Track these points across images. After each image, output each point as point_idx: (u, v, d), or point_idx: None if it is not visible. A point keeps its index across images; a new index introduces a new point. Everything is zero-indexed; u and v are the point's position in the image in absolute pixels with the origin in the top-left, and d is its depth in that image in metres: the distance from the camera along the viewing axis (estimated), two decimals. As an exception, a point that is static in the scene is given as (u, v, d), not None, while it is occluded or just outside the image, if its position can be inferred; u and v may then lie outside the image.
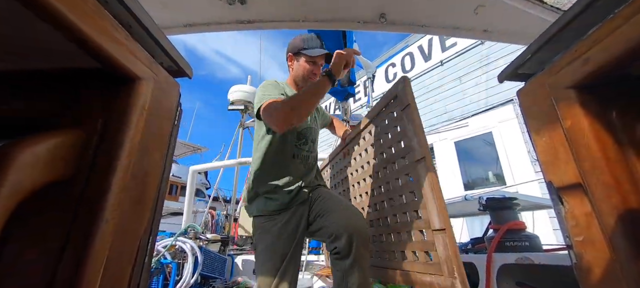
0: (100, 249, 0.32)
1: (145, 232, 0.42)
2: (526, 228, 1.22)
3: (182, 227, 2.27)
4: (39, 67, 0.36)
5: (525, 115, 0.45)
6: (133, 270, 0.39)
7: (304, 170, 1.19)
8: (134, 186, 0.37)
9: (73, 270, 0.30)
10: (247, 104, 3.93)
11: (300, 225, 1.10)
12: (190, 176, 2.56)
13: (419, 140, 0.86)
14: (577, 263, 0.37)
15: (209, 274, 2.10)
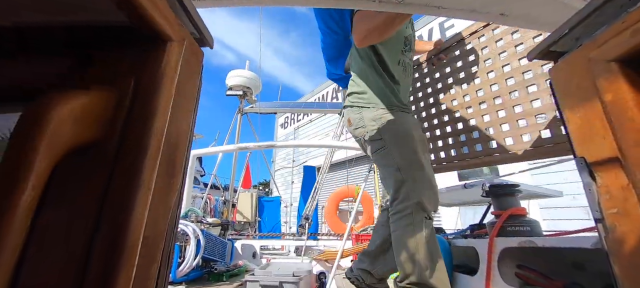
0: (139, 217, 0.31)
1: (175, 203, 0.41)
2: (527, 214, 1.25)
3: (183, 211, 2.27)
4: (67, 23, 0.34)
5: (557, 92, 0.45)
6: (165, 241, 0.39)
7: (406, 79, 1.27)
8: (167, 152, 0.36)
9: (111, 239, 0.29)
10: (245, 90, 3.86)
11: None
12: (190, 160, 2.54)
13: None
14: (608, 235, 0.37)
15: (211, 257, 2.11)
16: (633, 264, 0.34)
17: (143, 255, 0.32)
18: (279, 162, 11.22)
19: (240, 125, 4.07)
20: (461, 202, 3.16)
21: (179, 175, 0.40)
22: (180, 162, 0.41)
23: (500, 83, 1.27)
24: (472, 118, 1.38)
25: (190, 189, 2.55)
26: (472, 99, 1.38)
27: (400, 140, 1.09)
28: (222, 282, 1.98)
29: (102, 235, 0.28)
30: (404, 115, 1.17)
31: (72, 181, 0.30)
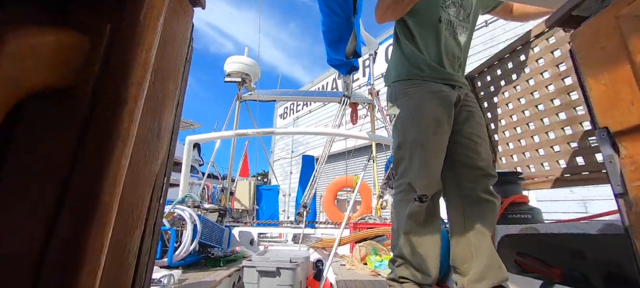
0: (114, 175, 0.28)
1: (160, 171, 0.38)
2: (529, 202, 1.23)
3: (180, 196, 2.25)
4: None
5: (579, 60, 0.41)
6: (150, 212, 0.36)
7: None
8: (151, 109, 0.32)
9: (83, 198, 0.26)
10: (244, 76, 3.79)
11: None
12: (186, 145, 2.51)
13: None
14: (631, 210, 0.34)
15: (208, 242, 2.10)
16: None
17: (122, 220, 0.29)
18: (278, 153, 11.20)
19: (238, 113, 4.01)
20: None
21: (165, 140, 0.37)
22: (167, 126, 0.37)
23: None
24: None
25: (187, 175, 2.53)
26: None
27: (408, 118, 1.04)
28: (219, 267, 1.98)
29: (72, 192, 0.25)
30: (421, 88, 1.04)
31: (40, 129, 0.26)
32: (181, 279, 1.53)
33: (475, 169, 1.01)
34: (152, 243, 0.35)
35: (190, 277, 1.63)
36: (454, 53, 1.08)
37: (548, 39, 1.05)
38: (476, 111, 1.09)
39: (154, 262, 0.38)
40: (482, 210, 0.97)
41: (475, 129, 1.05)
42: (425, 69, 1.05)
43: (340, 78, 2.92)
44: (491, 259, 0.91)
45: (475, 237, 0.94)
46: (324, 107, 9.41)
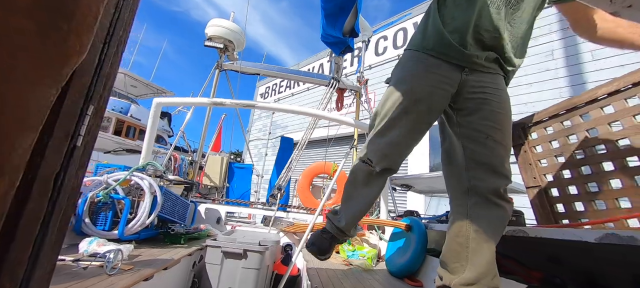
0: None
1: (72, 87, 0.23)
2: (513, 203, 1.21)
3: (140, 163, 2.00)
4: None
5: None
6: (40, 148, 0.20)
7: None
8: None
9: None
10: (227, 43, 3.47)
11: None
12: (153, 108, 2.22)
13: None
14: None
15: (168, 217, 1.90)
16: None
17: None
18: (255, 133, 10.84)
19: (217, 83, 3.70)
20: (436, 190, 3.23)
21: (83, 35, 0.21)
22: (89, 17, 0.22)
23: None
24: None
25: (151, 141, 2.25)
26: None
27: (390, 89, 1.01)
28: (179, 245, 1.80)
29: None
30: (417, 61, 0.97)
31: None
32: (132, 255, 1.34)
33: (484, 166, 0.87)
34: (46, 200, 0.20)
35: (143, 254, 1.45)
36: (490, 29, 0.88)
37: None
38: (494, 99, 0.90)
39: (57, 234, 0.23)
40: (489, 213, 0.86)
41: (489, 120, 0.89)
42: (431, 43, 0.95)
43: (331, 59, 2.76)
44: (488, 268, 0.83)
45: (476, 242, 0.85)
46: (308, 91, 9.18)
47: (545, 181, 1.20)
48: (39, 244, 0.22)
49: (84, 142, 0.26)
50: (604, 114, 0.95)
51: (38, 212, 0.22)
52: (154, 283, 1.20)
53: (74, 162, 0.25)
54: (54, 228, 0.24)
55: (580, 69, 4.53)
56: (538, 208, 1.23)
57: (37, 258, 0.22)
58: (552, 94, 4.64)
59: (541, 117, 1.16)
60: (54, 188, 0.23)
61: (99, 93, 0.27)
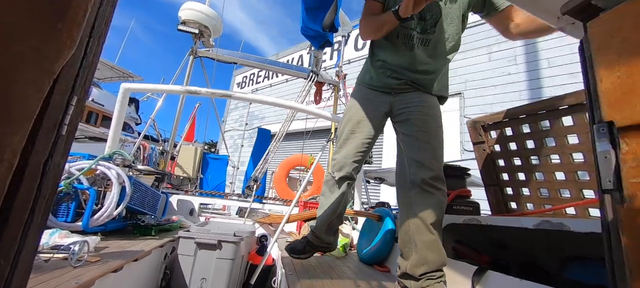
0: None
1: (64, 83, 0.24)
2: (471, 196, 1.34)
3: (106, 152, 1.89)
4: None
5: (593, 49, 0.39)
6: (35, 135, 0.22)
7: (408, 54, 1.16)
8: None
9: None
10: (202, 29, 3.31)
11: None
12: (121, 93, 2.09)
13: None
14: (622, 206, 0.34)
15: (138, 208, 1.83)
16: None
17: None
18: (230, 124, 10.53)
19: (191, 70, 3.54)
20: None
21: (73, 30, 0.22)
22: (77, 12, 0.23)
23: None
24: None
25: (118, 128, 2.13)
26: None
27: (344, 114, 1.33)
28: (149, 237, 1.75)
29: None
30: (360, 93, 1.30)
31: None
32: (99, 247, 1.29)
33: (416, 162, 1.09)
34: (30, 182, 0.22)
35: (111, 246, 1.39)
36: (406, 64, 1.16)
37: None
38: (418, 109, 1.15)
39: (42, 217, 0.25)
40: (424, 200, 1.03)
41: (416, 125, 1.13)
42: (367, 78, 1.29)
43: (310, 52, 2.77)
44: (431, 247, 0.98)
45: (416, 226, 1.02)
46: (287, 83, 9.07)
47: (501, 179, 1.33)
48: (28, 226, 0.23)
49: (67, 130, 0.26)
50: (563, 126, 1.07)
51: (28, 196, 0.23)
52: (124, 274, 1.17)
53: (58, 150, 0.26)
54: (39, 212, 0.25)
55: (538, 74, 4.97)
56: (493, 205, 1.37)
57: (25, 239, 0.23)
58: (514, 97, 5.05)
59: (500, 118, 1.28)
60: (42, 175, 0.24)
61: (82, 84, 0.27)
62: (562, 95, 1.04)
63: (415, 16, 1.08)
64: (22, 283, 0.24)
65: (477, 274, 0.97)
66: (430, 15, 1.10)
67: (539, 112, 1.13)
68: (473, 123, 1.41)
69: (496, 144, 1.34)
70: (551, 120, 1.09)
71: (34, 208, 0.24)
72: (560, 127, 1.05)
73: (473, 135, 1.40)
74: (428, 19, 1.10)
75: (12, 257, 0.22)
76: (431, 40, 1.12)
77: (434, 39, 1.12)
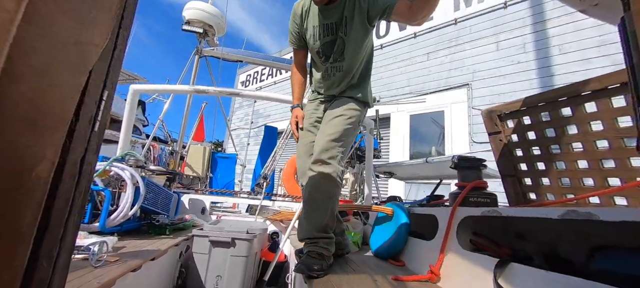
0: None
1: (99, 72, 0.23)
2: (488, 187, 1.31)
3: (118, 153, 1.91)
4: None
5: (636, 24, 0.37)
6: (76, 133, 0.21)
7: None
8: None
9: None
10: (207, 28, 3.31)
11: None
12: (130, 95, 2.10)
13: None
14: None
15: (152, 208, 1.85)
16: None
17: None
18: (236, 122, 10.58)
19: (196, 70, 3.55)
20: (417, 177, 3.37)
21: (106, 19, 0.21)
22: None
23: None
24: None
25: (129, 130, 2.15)
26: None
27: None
28: (164, 236, 1.77)
29: None
30: (307, 105, 1.51)
31: None
32: (117, 247, 1.31)
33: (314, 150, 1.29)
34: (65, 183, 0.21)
35: (128, 245, 1.41)
36: (326, 75, 1.39)
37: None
38: (328, 115, 1.36)
39: (79, 215, 0.24)
40: (309, 181, 1.26)
41: (325, 122, 1.35)
42: (311, 90, 1.54)
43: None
44: (320, 220, 1.24)
45: (306, 202, 1.29)
46: (291, 79, 9.04)
47: (519, 170, 1.30)
48: (67, 226, 0.22)
49: (99, 128, 0.25)
50: (585, 112, 1.02)
51: (68, 195, 0.22)
52: (142, 273, 1.19)
53: (91, 146, 0.25)
54: (76, 209, 0.24)
55: (550, 62, 4.83)
56: (511, 196, 1.33)
57: (65, 239, 0.22)
58: (524, 86, 4.93)
59: (517, 106, 1.24)
60: (79, 173, 0.23)
61: (112, 78, 0.26)
62: (585, 80, 1.00)
63: (324, 56, 1.36)
64: (61, 282, 0.23)
65: (499, 266, 0.95)
66: (336, 49, 1.32)
67: (559, 99, 1.09)
68: (488, 113, 1.37)
69: (513, 133, 1.30)
70: (573, 107, 1.04)
71: (72, 207, 0.23)
72: (583, 114, 1.01)
73: (489, 126, 1.37)
74: (335, 51, 1.33)
75: (54, 258, 0.21)
76: (342, 66, 1.36)
77: (344, 64, 1.35)
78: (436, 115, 6.13)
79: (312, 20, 1.33)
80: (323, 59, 1.36)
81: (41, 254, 0.20)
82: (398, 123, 6.59)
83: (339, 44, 1.31)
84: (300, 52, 1.49)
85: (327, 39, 1.31)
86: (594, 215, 0.75)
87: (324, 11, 1.28)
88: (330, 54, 1.33)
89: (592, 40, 4.39)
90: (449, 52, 6.12)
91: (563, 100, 1.07)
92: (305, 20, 1.36)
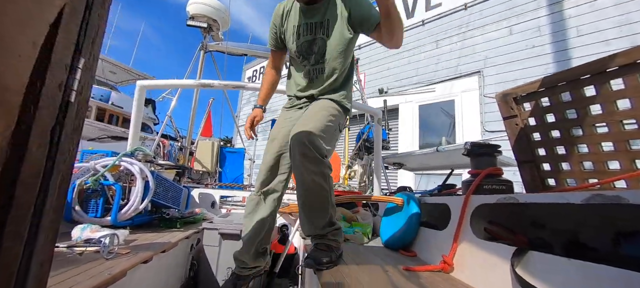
0: None
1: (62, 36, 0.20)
2: (503, 174, 1.25)
3: (128, 148, 1.94)
4: None
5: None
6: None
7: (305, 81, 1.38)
8: None
9: None
10: (211, 22, 3.30)
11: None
12: (137, 91, 2.12)
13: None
14: None
15: (162, 202, 1.87)
16: None
17: None
18: (244, 118, 10.65)
19: (202, 65, 3.56)
20: (427, 167, 3.31)
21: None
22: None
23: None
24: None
25: (138, 125, 2.17)
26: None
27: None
28: (175, 229, 1.79)
29: None
30: (281, 112, 1.46)
31: None
32: (128, 240, 1.32)
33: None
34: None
35: (139, 238, 1.43)
36: (304, 76, 1.37)
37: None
38: (306, 111, 1.31)
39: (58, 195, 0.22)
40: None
41: (301, 119, 1.26)
42: (290, 91, 1.45)
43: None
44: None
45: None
46: (297, 73, 8.98)
47: (537, 155, 1.23)
48: (40, 204, 0.20)
49: (77, 100, 0.23)
50: (611, 90, 0.95)
51: (38, 166, 0.20)
52: (153, 265, 1.20)
53: (69, 120, 0.23)
54: (54, 189, 0.22)
55: (566, 45, 4.60)
56: (529, 183, 1.27)
57: (39, 214, 0.21)
58: (539, 71, 4.72)
59: (535, 87, 1.17)
60: (51, 144, 0.21)
61: (88, 46, 0.24)
62: (611, 55, 0.92)
63: (301, 55, 1.32)
64: (43, 262, 0.21)
65: (516, 255, 0.91)
66: (316, 50, 1.29)
67: (581, 77, 1.01)
68: (503, 96, 1.30)
69: (531, 116, 1.23)
70: (597, 85, 0.97)
71: (47, 182, 0.21)
72: (608, 92, 0.94)
73: (504, 109, 1.30)
74: (316, 52, 1.30)
75: (24, 237, 0.19)
76: (324, 68, 1.32)
77: (325, 66, 1.31)
78: (446, 105, 5.97)
79: (293, 20, 1.33)
80: (301, 59, 1.33)
81: (5, 233, 0.18)
82: (406, 114, 6.47)
83: (320, 46, 1.29)
84: (276, 54, 1.48)
85: (307, 38, 1.29)
86: (623, 198, 0.70)
87: (306, 12, 1.29)
88: (309, 55, 1.31)
89: (612, 20, 4.15)
90: (459, 38, 5.92)
91: (586, 78, 1.00)
92: (285, 21, 1.36)
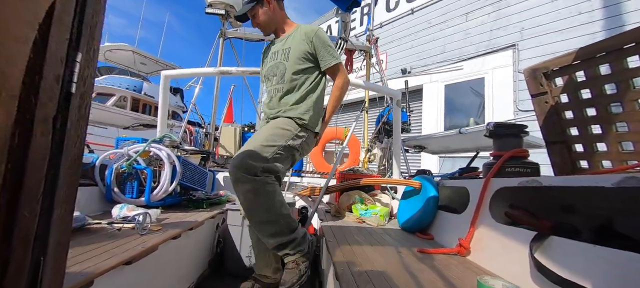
0: None
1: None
2: (529, 156, 1.18)
3: (157, 135, 2.08)
4: None
5: None
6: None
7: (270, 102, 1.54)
8: None
9: None
10: (229, 8, 3.34)
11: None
12: (162, 81, 2.24)
13: None
14: None
15: (189, 184, 2.01)
16: None
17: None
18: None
19: (222, 52, 3.64)
20: (450, 150, 3.18)
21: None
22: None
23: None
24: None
25: (165, 114, 2.31)
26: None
27: None
28: (201, 210, 1.92)
29: None
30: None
31: None
32: (160, 218, 1.45)
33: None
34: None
35: (170, 217, 1.56)
36: (268, 97, 1.56)
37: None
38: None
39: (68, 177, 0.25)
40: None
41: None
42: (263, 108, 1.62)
43: (338, 16, 2.61)
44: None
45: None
46: (316, 56, 8.86)
47: (569, 135, 1.13)
48: (51, 183, 0.24)
49: (79, 90, 0.26)
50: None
51: (44, 151, 0.24)
52: (182, 241, 1.31)
53: (72, 109, 0.26)
54: (65, 169, 0.25)
55: (620, 9, 4.03)
56: (558, 165, 1.17)
57: (50, 191, 0.24)
58: (584, 41, 4.21)
59: (569, 60, 1.05)
60: (54, 131, 0.25)
61: (86, 41, 0.27)
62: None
63: (266, 77, 1.57)
64: (62, 240, 0.25)
65: (536, 240, 0.86)
66: (278, 73, 1.48)
67: (624, 46, 0.89)
68: (532, 71, 1.19)
69: (563, 93, 1.12)
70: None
71: (56, 166, 0.24)
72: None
73: (532, 86, 1.20)
74: (277, 74, 1.49)
75: (37, 211, 0.23)
76: (282, 87, 1.47)
77: (284, 87, 1.47)
78: (475, 83, 5.58)
79: (267, 53, 1.61)
80: (265, 80, 1.57)
81: (20, 203, 0.21)
82: (431, 94, 6.16)
83: (280, 69, 1.48)
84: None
85: (271, 63, 1.53)
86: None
87: (276, 43, 1.57)
88: (272, 77, 1.52)
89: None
90: (493, 8, 5.40)
91: (630, 47, 0.88)
92: (265, 57, 1.62)
